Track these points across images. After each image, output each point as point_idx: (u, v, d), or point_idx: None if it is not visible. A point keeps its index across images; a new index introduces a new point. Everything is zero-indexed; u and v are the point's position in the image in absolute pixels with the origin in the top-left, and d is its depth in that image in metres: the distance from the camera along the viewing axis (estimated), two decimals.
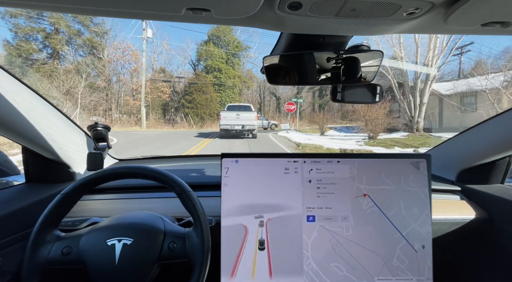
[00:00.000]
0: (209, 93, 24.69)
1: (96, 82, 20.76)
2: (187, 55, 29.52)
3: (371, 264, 0.63)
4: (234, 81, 27.33)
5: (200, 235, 0.54)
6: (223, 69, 26.62)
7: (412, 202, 0.65)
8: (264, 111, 30.58)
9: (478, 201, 0.85)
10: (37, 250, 0.51)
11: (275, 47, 0.73)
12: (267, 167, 0.66)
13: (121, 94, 23.77)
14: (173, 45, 36.97)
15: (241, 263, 0.62)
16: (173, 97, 25.54)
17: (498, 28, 0.46)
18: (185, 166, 1.20)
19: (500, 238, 0.78)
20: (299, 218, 0.64)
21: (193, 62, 28.55)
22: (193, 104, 24.35)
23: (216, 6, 0.40)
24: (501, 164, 0.86)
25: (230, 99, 26.67)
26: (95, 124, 0.84)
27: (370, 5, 0.41)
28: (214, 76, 26.41)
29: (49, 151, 0.75)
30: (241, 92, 29.54)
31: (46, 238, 0.53)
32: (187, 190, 0.56)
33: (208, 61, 26.61)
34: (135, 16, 0.45)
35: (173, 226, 0.59)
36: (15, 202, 0.68)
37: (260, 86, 31.09)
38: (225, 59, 27.23)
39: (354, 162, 0.66)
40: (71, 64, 19.78)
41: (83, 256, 0.52)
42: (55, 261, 0.52)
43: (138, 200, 0.84)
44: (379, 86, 0.75)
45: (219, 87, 26.64)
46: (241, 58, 29.18)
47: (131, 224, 0.56)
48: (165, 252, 0.54)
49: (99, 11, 0.42)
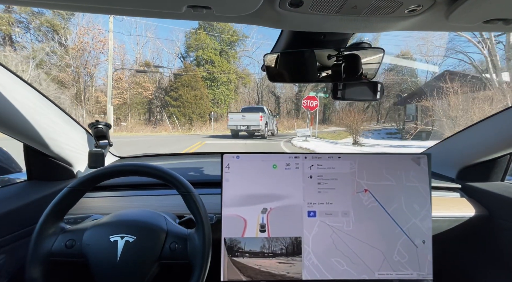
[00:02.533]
0: (199, 89, 20.01)
1: (59, 74, 16.04)
2: (176, 48, 24.77)
3: (371, 259, 0.64)
4: (229, 76, 23.07)
5: (201, 238, 0.54)
6: (216, 61, 22.16)
7: (413, 198, 0.66)
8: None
9: (478, 198, 0.85)
10: (42, 241, 0.52)
11: (275, 45, 0.73)
12: (268, 163, 0.66)
13: (91, 90, 18.45)
14: (161, 36, 32.84)
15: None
16: (158, 94, 20.79)
17: (500, 25, 0.46)
18: (185, 164, 1.20)
19: (499, 235, 0.78)
20: (300, 213, 0.65)
21: (182, 54, 24.00)
22: (179, 102, 19.38)
23: (217, 3, 0.40)
24: (502, 161, 0.86)
25: (225, 96, 22.90)
26: (96, 122, 0.85)
27: (371, 2, 0.41)
28: (206, 70, 22.03)
29: (51, 149, 0.75)
30: (237, 90, 25.35)
31: (51, 230, 0.54)
32: (192, 192, 0.57)
33: (199, 52, 22.19)
34: (135, 13, 0.45)
35: (175, 226, 0.59)
36: (17, 199, 0.68)
37: (258, 84, 27.25)
38: (218, 50, 22.83)
39: (355, 158, 0.67)
40: (26, 50, 14.88)
41: (86, 250, 0.53)
42: (58, 253, 0.53)
43: (139, 197, 0.84)
44: (380, 83, 0.76)
45: (211, 82, 22.25)
46: (237, 50, 24.73)
47: (135, 222, 0.57)
48: (166, 252, 0.54)
49: (99, 9, 0.42)
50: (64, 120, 0.80)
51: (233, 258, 0.63)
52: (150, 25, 23.81)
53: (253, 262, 0.63)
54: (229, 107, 23.78)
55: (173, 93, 19.75)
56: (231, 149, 8.24)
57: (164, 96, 20.46)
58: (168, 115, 19.75)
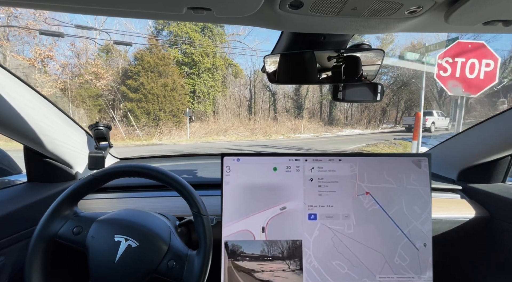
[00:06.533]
0: (170, 76, 13.92)
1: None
2: (148, 27, 17.62)
3: (372, 262, 0.63)
4: (215, 61, 16.80)
5: (200, 264, 0.53)
6: (197, 41, 16.24)
7: (414, 200, 0.65)
8: (254, 110, 20.23)
9: (479, 200, 0.85)
10: (53, 220, 0.54)
11: (276, 46, 0.73)
12: (269, 166, 0.66)
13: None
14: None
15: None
16: (116, 85, 13.97)
17: (500, 27, 0.46)
18: (185, 166, 1.20)
19: (500, 237, 0.78)
20: (300, 216, 0.65)
21: (153, 32, 16.76)
22: (140, 94, 13.15)
23: (217, 5, 0.40)
24: (503, 163, 0.86)
25: (208, 88, 16.93)
26: (96, 124, 0.85)
27: (371, 4, 0.41)
28: (183, 52, 16.17)
29: (50, 150, 0.75)
30: (225, 81, 18.92)
31: (65, 212, 0.56)
32: (204, 215, 0.56)
33: (172, 26, 15.94)
34: (135, 15, 0.45)
35: (178, 242, 0.58)
36: (17, 201, 0.68)
37: (251, 78, 21.39)
38: (200, 26, 16.50)
39: (355, 160, 0.66)
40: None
41: (89, 241, 0.53)
42: (63, 236, 0.54)
43: (141, 199, 0.84)
44: (380, 85, 0.75)
45: (189, 68, 16.22)
46: (226, 33, 18.65)
47: (142, 227, 0.56)
48: (162, 267, 0.53)
49: (99, 11, 0.42)
50: (64, 121, 0.80)
51: (234, 262, 0.63)
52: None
53: (253, 265, 0.63)
54: (215, 104, 17.99)
55: (132, 82, 13.17)
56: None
57: (120, 86, 13.77)
58: (124, 114, 13.35)
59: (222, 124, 16.53)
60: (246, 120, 18.46)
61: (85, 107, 13.43)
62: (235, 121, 17.80)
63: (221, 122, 16.92)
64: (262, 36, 20.99)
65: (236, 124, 17.05)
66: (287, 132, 16.34)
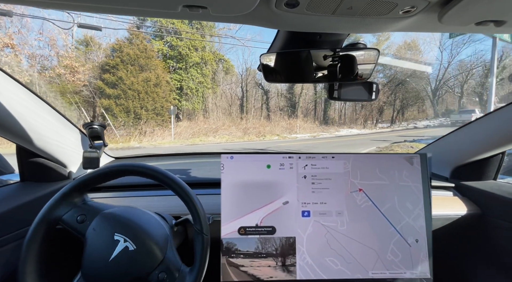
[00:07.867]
0: (153, 70, 12.58)
1: None
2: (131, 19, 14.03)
3: (365, 258, 0.65)
4: (204, 55, 15.36)
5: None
6: (183, 33, 14.89)
7: (406, 197, 0.67)
8: (246, 109, 18.87)
9: (471, 197, 0.87)
10: (60, 204, 0.54)
11: (272, 45, 0.73)
12: (262, 163, 0.66)
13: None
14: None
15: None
16: (93, 80, 12.14)
17: (492, 27, 0.47)
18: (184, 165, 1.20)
19: (491, 233, 0.80)
20: (294, 213, 0.65)
21: (136, 22, 13.78)
22: (118, 89, 11.75)
23: (213, 3, 0.40)
24: (494, 160, 0.87)
25: (197, 84, 15.38)
26: (91, 122, 0.84)
27: (366, 3, 0.42)
28: (168, 45, 14.80)
29: (43, 149, 0.74)
30: (215, 78, 17.42)
31: (73, 199, 0.56)
32: (206, 235, 0.56)
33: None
34: (131, 13, 0.45)
35: (173, 255, 0.57)
36: (10, 201, 0.67)
37: (243, 75, 19.70)
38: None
39: (348, 157, 0.67)
40: None
41: (90, 233, 0.53)
42: (66, 222, 0.54)
43: (137, 198, 0.83)
44: (375, 84, 0.76)
45: (176, 62, 14.89)
46: (216, 27, 16.96)
47: (142, 230, 0.56)
48: (153, 277, 0.52)
49: (94, 8, 0.42)
50: (57, 119, 0.79)
51: (228, 259, 0.63)
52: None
53: (247, 262, 0.63)
54: (205, 101, 16.56)
55: (109, 76, 11.72)
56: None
57: (96, 80, 12.16)
58: (100, 112, 11.87)
59: (212, 123, 15.23)
60: (238, 119, 17.24)
61: (57, 105, 11.30)
62: (226, 120, 16.62)
63: (211, 121, 15.64)
64: (255, 31, 19.48)
65: (227, 123, 15.80)
66: (282, 132, 15.08)
